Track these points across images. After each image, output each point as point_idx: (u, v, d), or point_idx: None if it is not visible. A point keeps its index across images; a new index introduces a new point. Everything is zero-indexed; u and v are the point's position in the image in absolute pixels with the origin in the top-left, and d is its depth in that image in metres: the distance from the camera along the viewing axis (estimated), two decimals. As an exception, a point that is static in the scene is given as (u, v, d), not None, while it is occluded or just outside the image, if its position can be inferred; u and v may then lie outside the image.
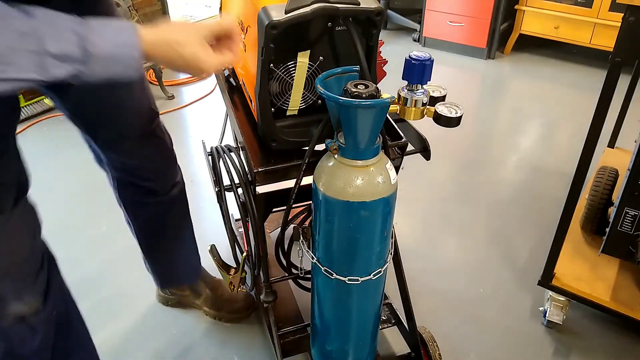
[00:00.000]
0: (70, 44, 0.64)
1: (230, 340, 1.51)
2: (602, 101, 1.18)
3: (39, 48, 0.62)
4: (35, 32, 0.62)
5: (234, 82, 1.25)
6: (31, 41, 0.62)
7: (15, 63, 0.61)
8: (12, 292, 0.89)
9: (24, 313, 0.92)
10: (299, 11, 0.88)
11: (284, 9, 0.89)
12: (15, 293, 0.90)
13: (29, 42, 0.62)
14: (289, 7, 0.89)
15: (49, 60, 0.63)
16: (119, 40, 0.68)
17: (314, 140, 0.99)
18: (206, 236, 1.83)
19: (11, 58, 0.61)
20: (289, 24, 0.89)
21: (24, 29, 0.62)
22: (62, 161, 2.31)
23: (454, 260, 1.83)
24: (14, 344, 0.94)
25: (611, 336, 1.52)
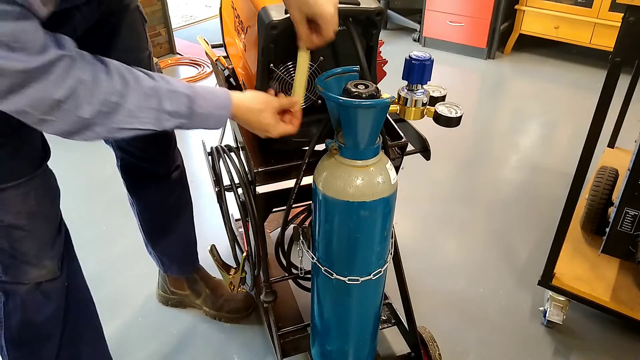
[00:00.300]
0: (182, 104, 0.83)
1: (230, 340, 1.51)
2: (602, 101, 1.18)
3: (159, 106, 0.80)
4: (157, 93, 0.80)
5: (234, 82, 1.25)
6: (154, 101, 0.80)
7: (140, 117, 0.79)
8: (32, 252, 0.96)
9: (42, 278, 0.99)
10: (299, 11, 0.88)
11: (284, 9, 0.89)
12: (35, 255, 0.96)
13: (153, 101, 0.80)
14: (289, 7, 0.89)
15: (164, 115, 0.81)
16: (216, 104, 0.86)
17: (314, 140, 0.99)
18: (206, 236, 1.83)
19: (138, 114, 0.79)
20: (289, 24, 0.89)
21: (149, 91, 0.79)
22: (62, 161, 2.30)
23: (454, 260, 1.83)
24: (30, 311, 1.00)
25: (611, 336, 1.52)
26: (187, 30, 4.03)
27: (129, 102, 0.77)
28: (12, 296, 0.99)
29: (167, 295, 1.60)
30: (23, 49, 0.66)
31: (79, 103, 0.73)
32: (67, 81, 0.71)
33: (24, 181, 0.90)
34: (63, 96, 0.71)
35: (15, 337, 1.03)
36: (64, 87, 0.71)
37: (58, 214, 1.01)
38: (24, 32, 0.65)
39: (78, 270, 1.10)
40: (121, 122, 0.78)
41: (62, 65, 0.70)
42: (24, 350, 1.04)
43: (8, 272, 0.97)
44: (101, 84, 0.74)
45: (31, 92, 0.69)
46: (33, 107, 0.70)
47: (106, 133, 0.78)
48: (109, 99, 0.75)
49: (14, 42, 0.65)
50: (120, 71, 0.78)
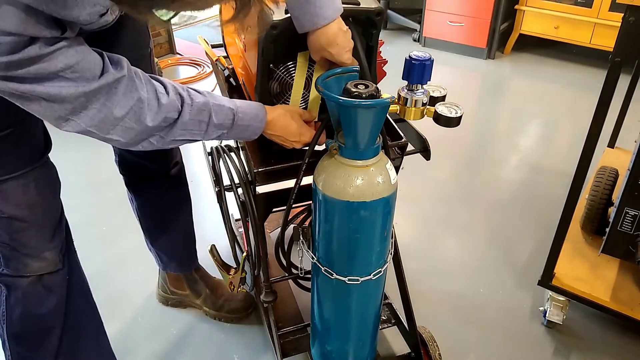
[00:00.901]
0: (227, 117, 0.89)
1: (230, 340, 1.51)
2: (602, 101, 1.18)
3: (208, 120, 0.87)
4: (207, 107, 0.87)
5: (234, 82, 1.25)
6: (205, 115, 0.87)
7: (192, 129, 0.87)
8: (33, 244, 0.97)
9: (43, 270, 1.00)
10: (299, 11, 0.88)
11: (284, 9, 0.89)
12: (36, 247, 0.97)
13: (204, 115, 0.87)
14: (289, 7, 0.89)
15: (211, 127, 0.89)
16: (254, 116, 0.93)
17: (314, 140, 0.99)
18: (206, 236, 1.83)
19: (190, 127, 0.86)
20: (289, 24, 0.89)
21: (202, 106, 0.86)
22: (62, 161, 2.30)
23: (454, 260, 1.83)
24: (32, 304, 1.01)
25: (611, 336, 1.52)
26: (187, 30, 4.03)
27: (185, 116, 0.84)
28: (13, 289, 1.00)
29: (167, 295, 1.60)
30: (81, 77, 0.71)
31: (140, 119, 0.79)
32: (127, 101, 0.77)
33: (24, 172, 0.91)
34: (123, 114, 0.77)
35: (17, 331, 1.03)
36: (125, 106, 0.76)
37: (59, 206, 1.02)
38: (77, 63, 0.70)
39: (78, 263, 1.10)
40: (176, 134, 0.85)
41: (121, 87, 0.76)
42: (26, 344, 1.05)
43: (9, 264, 0.97)
44: (164, 102, 0.81)
45: (92, 113, 0.74)
46: (96, 127, 0.76)
47: (161, 144, 0.86)
48: (169, 115, 0.82)
49: (70, 73, 0.70)
50: (176, 89, 0.84)
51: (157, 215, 1.42)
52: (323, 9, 0.87)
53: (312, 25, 0.89)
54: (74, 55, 0.69)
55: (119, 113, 0.76)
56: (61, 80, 0.69)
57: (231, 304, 1.55)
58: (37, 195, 0.94)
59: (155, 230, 1.44)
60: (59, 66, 0.68)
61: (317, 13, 0.87)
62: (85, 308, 1.14)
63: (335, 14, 0.89)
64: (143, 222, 1.43)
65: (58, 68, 0.68)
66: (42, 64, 0.66)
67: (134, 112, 0.78)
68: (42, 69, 0.67)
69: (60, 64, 0.68)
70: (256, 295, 1.49)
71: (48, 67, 0.67)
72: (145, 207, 1.40)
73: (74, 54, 0.70)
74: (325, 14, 0.88)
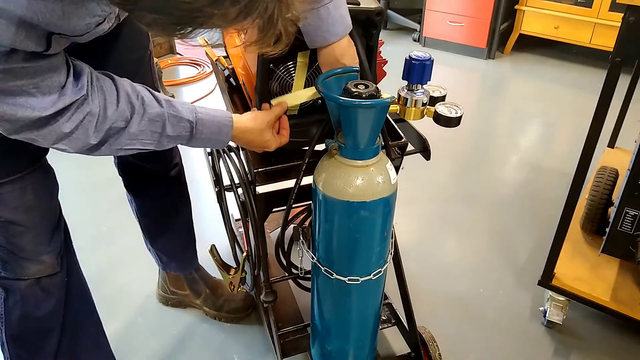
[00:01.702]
0: (184, 129, 0.87)
1: (230, 340, 1.51)
2: (602, 101, 1.18)
3: (162, 130, 0.85)
4: (161, 118, 0.84)
5: (234, 82, 1.25)
6: (158, 126, 0.84)
7: (142, 139, 0.84)
8: (30, 248, 0.96)
9: (41, 273, 0.99)
10: (299, 11, 0.88)
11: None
12: (34, 250, 0.97)
13: (157, 126, 0.84)
14: (289, 7, 0.89)
15: (165, 138, 0.86)
16: (216, 130, 0.91)
17: (314, 140, 0.99)
18: (206, 236, 1.83)
19: (140, 136, 0.83)
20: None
21: (155, 117, 0.83)
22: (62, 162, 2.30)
23: (454, 260, 1.83)
24: (30, 306, 1.00)
25: (611, 336, 1.52)
26: (187, 30, 4.03)
27: (133, 127, 0.81)
28: (12, 292, 0.99)
29: (167, 295, 1.60)
30: (39, 92, 0.69)
31: (87, 132, 0.77)
32: (77, 115, 0.75)
33: (21, 176, 0.90)
34: (72, 129, 0.75)
35: (16, 333, 1.03)
36: (74, 120, 0.75)
37: (56, 209, 1.01)
38: (42, 80, 0.69)
39: (77, 264, 1.10)
40: (124, 143, 0.82)
41: (74, 106, 0.74)
42: (25, 346, 1.05)
43: (7, 267, 0.97)
44: (109, 114, 0.79)
45: (42, 130, 0.73)
46: (44, 138, 0.74)
47: (109, 152, 0.83)
48: (116, 125, 0.80)
49: (32, 88, 0.68)
50: (129, 98, 0.81)
51: (157, 216, 1.42)
52: (335, 26, 0.89)
53: (324, 41, 0.90)
54: (42, 73, 0.68)
55: (67, 128, 0.74)
56: (21, 96, 0.67)
57: (231, 304, 1.55)
58: (35, 199, 0.93)
59: (155, 231, 1.44)
60: (23, 81, 0.66)
61: (329, 30, 0.89)
62: (84, 309, 1.14)
63: (346, 30, 0.91)
64: (143, 223, 1.43)
65: (23, 82, 0.67)
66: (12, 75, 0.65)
67: (82, 126, 0.76)
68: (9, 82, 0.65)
69: (28, 78, 0.67)
70: (256, 295, 1.49)
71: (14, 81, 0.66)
72: (144, 209, 1.40)
73: (44, 70, 0.68)
74: (337, 31, 0.90)
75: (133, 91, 0.82)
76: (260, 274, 1.22)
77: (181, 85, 3.16)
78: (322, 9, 0.86)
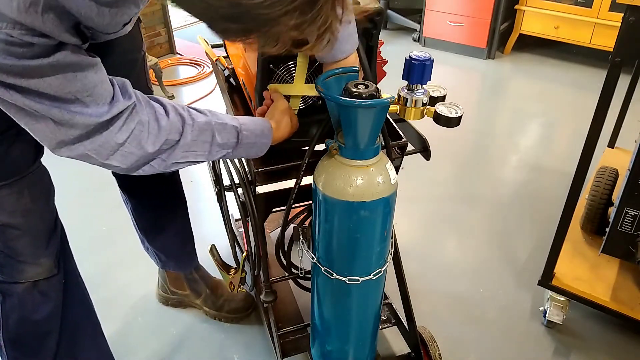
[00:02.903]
0: (231, 136, 0.88)
1: (230, 340, 1.51)
2: (602, 101, 1.18)
3: (212, 139, 0.85)
4: (209, 127, 0.85)
5: (234, 82, 1.25)
6: (208, 135, 0.85)
7: (195, 151, 0.84)
8: (28, 251, 0.96)
9: (38, 276, 0.99)
10: (299, 11, 0.88)
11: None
12: (31, 253, 0.97)
13: (207, 135, 0.85)
14: (289, 7, 0.89)
15: (215, 147, 0.86)
16: (259, 133, 0.92)
17: (314, 140, 0.99)
18: (206, 236, 1.84)
19: (194, 148, 0.84)
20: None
21: (204, 125, 0.84)
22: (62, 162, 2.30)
23: (454, 260, 1.83)
24: (28, 310, 1.00)
25: (611, 336, 1.52)
26: (187, 30, 4.03)
27: (187, 137, 0.82)
28: (9, 295, 0.99)
29: (167, 295, 1.60)
30: (93, 102, 0.70)
31: (140, 143, 0.77)
32: (128, 124, 0.76)
33: (18, 179, 0.90)
34: (124, 139, 0.75)
35: (14, 336, 1.03)
36: (126, 130, 0.75)
37: (53, 212, 1.01)
38: (95, 87, 0.70)
39: (74, 267, 1.10)
40: (178, 156, 0.83)
41: (126, 114, 0.75)
42: (23, 349, 1.05)
43: (4, 271, 0.97)
44: (163, 124, 0.79)
45: (96, 140, 0.73)
46: (96, 152, 0.75)
47: (163, 167, 0.83)
48: (170, 137, 0.80)
49: (86, 97, 0.69)
50: (176, 109, 0.82)
51: (153, 216, 1.41)
52: (342, 44, 0.90)
53: (331, 59, 0.92)
54: (92, 77, 0.69)
55: (120, 138, 0.75)
56: (77, 104, 0.69)
57: (231, 304, 1.55)
58: (31, 202, 0.93)
59: (151, 231, 1.44)
60: (78, 86, 0.67)
61: (337, 48, 0.90)
62: (82, 311, 1.14)
63: (353, 48, 0.93)
64: (139, 223, 1.43)
65: (77, 88, 0.67)
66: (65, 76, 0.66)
67: (134, 135, 0.76)
68: (62, 85, 0.66)
69: (79, 83, 0.67)
70: (256, 295, 1.49)
71: (67, 85, 0.67)
72: (139, 209, 1.39)
73: (93, 75, 0.69)
74: (344, 49, 0.91)
75: (177, 104, 0.83)
76: (260, 274, 1.22)
77: (181, 85, 3.16)
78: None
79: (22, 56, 0.61)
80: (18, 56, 0.61)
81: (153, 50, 3.44)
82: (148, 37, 3.39)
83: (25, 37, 0.60)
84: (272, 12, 0.53)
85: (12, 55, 0.61)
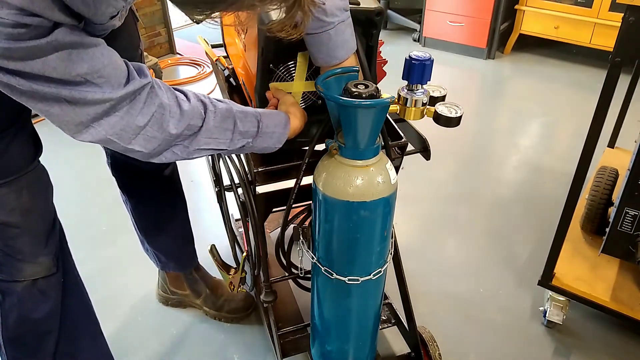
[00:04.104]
0: (252, 125, 0.88)
1: (230, 340, 1.51)
2: (602, 101, 1.18)
3: (234, 127, 0.85)
4: (231, 114, 0.85)
5: (234, 82, 1.25)
6: (230, 122, 0.85)
7: (217, 138, 0.84)
8: (27, 249, 0.96)
9: (37, 275, 0.99)
10: (299, 11, 0.88)
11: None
12: (30, 252, 0.96)
13: (229, 122, 0.85)
14: (289, 7, 0.89)
15: (237, 136, 0.86)
16: (278, 122, 0.92)
17: (314, 140, 0.99)
18: (206, 236, 1.84)
19: (216, 135, 0.84)
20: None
21: (226, 112, 0.84)
22: (62, 161, 2.31)
23: (454, 260, 1.83)
24: (27, 308, 1.00)
25: (611, 336, 1.52)
26: (187, 30, 4.03)
27: (210, 122, 0.82)
28: (8, 294, 0.99)
29: (167, 295, 1.60)
30: (107, 82, 0.69)
31: (162, 127, 0.77)
32: (149, 107, 0.75)
33: (17, 178, 0.90)
34: (145, 122, 0.75)
35: (13, 335, 1.03)
36: (147, 113, 0.75)
37: (52, 210, 1.01)
38: (104, 67, 0.69)
39: (73, 266, 1.10)
40: (201, 142, 0.83)
41: (144, 94, 0.74)
42: (22, 348, 1.05)
43: (3, 270, 0.96)
44: (186, 108, 0.79)
45: (114, 121, 0.73)
46: (118, 137, 0.74)
47: (185, 154, 0.83)
48: (193, 122, 0.80)
49: (97, 78, 0.68)
50: (197, 96, 0.82)
51: (153, 216, 1.41)
52: (336, 51, 0.91)
53: (325, 63, 0.93)
54: (99, 58, 0.68)
55: (141, 121, 0.75)
56: (88, 85, 0.68)
57: (231, 304, 1.55)
58: (30, 201, 0.93)
59: (151, 231, 1.44)
60: (85, 67, 0.66)
61: (330, 54, 0.91)
62: (81, 310, 1.13)
63: (347, 54, 0.92)
64: (139, 223, 1.43)
65: (85, 70, 0.66)
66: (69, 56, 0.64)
67: (155, 119, 0.76)
68: (68, 67, 0.65)
69: (86, 64, 0.66)
70: (256, 295, 1.49)
71: (74, 68, 0.66)
72: (139, 208, 1.39)
73: (100, 56, 0.68)
74: (338, 55, 0.91)
75: (198, 92, 0.84)
76: (260, 274, 1.22)
77: (181, 85, 3.16)
78: (324, 34, 0.88)
79: (19, 38, 0.60)
80: (15, 38, 0.60)
81: (153, 50, 3.44)
82: (148, 37, 3.39)
83: (16, 17, 0.59)
84: None
85: (8, 38, 0.60)
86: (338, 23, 0.87)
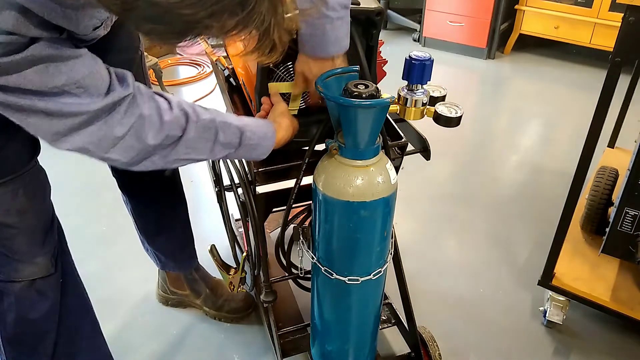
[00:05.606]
0: (234, 136, 0.87)
1: (230, 340, 1.51)
2: (602, 101, 1.18)
3: (215, 138, 0.85)
4: (213, 125, 0.84)
5: (234, 82, 1.25)
6: (211, 133, 0.84)
7: (197, 148, 0.84)
8: (24, 250, 0.95)
9: (35, 275, 0.98)
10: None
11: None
12: (27, 252, 0.96)
13: (209, 133, 0.84)
14: (289, 7, 0.89)
15: (217, 146, 0.86)
16: (262, 135, 0.91)
17: (314, 140, 0.99)
18: (206, 236, 1.84)
19: (196, 144, 0.83)
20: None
21: (208, 123, 0.83)
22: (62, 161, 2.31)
23: (454, 260, 1.83)
24: (25, 309, 1.00)
25: (611, 336, 1.52)
26: (187, 30, 4.03)
27: (190, 133, 0.81)
28: (6, 295, 0.99)
29: (167, 295, 1.60)
30: (86, 92, 0.68)
31: (141, 137, 0.76)
32: (128, 118, 0.74)
33: (13, 178, 0.89)
34: (124, 133, 0.74)
35: (12, 336, 1.03)
36: (126, 124, 0.74)
37: (49, 210, 1.00)
38: (83, 78, 0.68)
39: (72, 266, 1.09)
40: (180, 153, 0.82)
41: (124, 105, 0.73)
42: (21, 348, 1.04)
43: (1, 270, 0.96)
44: (167, 119, 0.78)
45: (92, 131, 0.72)
46: (95, 146, 0.74)
47: (163, 163, 0.82)
48: (172, 133, 0.79)
49: (75, 88, 0.67)
50: (181, 105, 0.81)
51: (153, 216, 1.41)
52: (328, 46, 0.90)
53: (311, 54, 0.92)
54: (79, 69, 0.67)
55: (119, 131, 0.74)
56: (65, 96, 0.67)
57: (231, 304, 1.55)
58: (27, 201, 0.92)
59: (151, 231, 1.44)
60: (63, 79, 0.65)
61: (321, 47, 0.90)
62: (80, 310, 1.13)
63: (337, 51, 0.92)
64: (139, 224, 1.43)
65: (62, 82, 0.65)
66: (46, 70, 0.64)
67: (134, 129, 0.75)
68: (44, 80, 0.64)
69: (64, 76, 0.65)
70: (256, 295, 1.49)
71: (51, 80, 0.65)
72: (140, 209, 1.39)
73: (80, 67, 0.67)
74: (329, 50, 0.91)
75: (182, 100, 0.82)
76: (260, 274, 1.22)
77: (181, 85, 3.16)
78: (319, 27, 0.87)
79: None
80: None
81: (153, 50, 3.44)
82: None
83: None
84: (195, 13, 0.50)
85: None
86: (337, 19, 0.87)
